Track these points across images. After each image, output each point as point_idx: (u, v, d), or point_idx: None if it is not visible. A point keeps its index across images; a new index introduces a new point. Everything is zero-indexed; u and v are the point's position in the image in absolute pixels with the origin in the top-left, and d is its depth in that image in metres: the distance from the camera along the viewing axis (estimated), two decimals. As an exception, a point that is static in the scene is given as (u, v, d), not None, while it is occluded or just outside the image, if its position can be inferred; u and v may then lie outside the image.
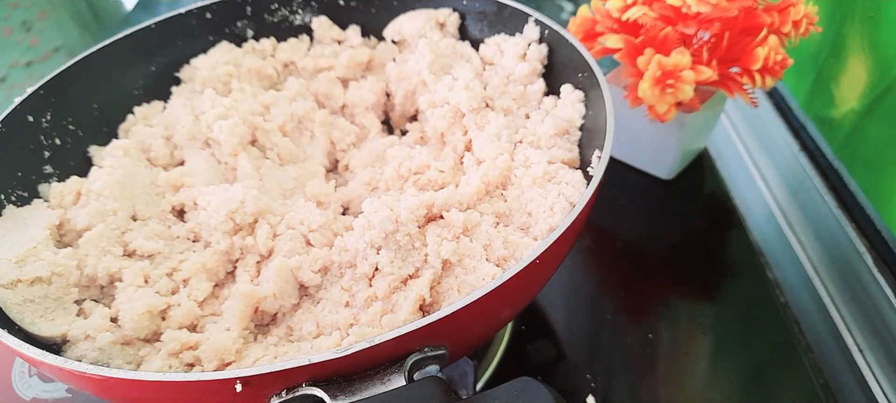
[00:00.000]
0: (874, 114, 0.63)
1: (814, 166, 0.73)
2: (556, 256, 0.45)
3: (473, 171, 0.52)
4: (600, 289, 0.67)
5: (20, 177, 0.52)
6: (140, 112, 0.61)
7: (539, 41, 0.61)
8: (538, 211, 0.48)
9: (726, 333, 0.62)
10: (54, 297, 0.45)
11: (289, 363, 0.33)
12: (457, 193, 0.49)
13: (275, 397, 0.34)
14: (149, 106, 0.62)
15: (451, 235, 0.46)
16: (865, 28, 0.64)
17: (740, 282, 0.67)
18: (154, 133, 0.58)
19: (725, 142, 0.87)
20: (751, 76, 0.61)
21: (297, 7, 0.69)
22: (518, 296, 0.45)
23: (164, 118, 0.60)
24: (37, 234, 0.47)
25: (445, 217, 0.47)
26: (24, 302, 0.44)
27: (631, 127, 0.72)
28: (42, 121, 0.55)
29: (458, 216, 0.47)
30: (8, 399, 0.52)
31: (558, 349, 0.61)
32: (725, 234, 0.72)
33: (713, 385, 0.58)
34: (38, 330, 0.43)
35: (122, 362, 0.43)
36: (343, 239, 0.47)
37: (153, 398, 0.37)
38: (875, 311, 0.62)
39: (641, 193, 0.76)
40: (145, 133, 0.58)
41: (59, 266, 0.45)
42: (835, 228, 0.68)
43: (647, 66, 0.59)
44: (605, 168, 0.45)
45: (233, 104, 0.58)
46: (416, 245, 0.46)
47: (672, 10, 0.60)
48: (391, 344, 0.34)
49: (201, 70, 0.63)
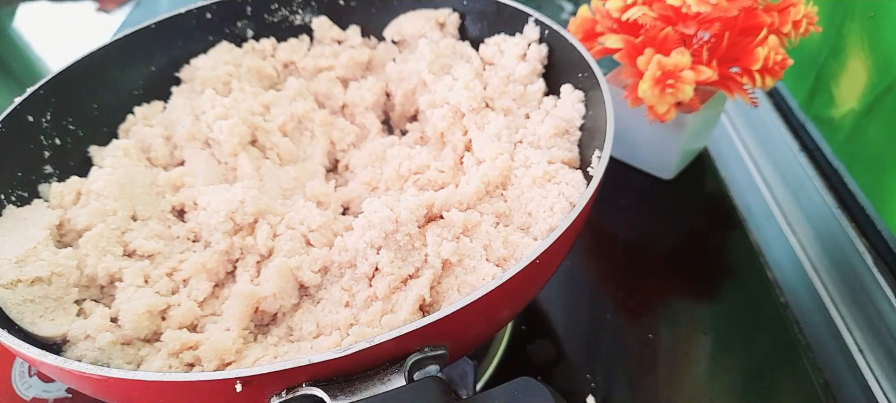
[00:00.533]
0: (874, 114, 0.63)
1: (814, 166, 0.74)
2: (556, 256, 0.45)
3: (473, 171, 0.52)
4: (600, 289, 0.67)
5: (20, 178, 0.52)
6: (140, 112, 0.61)
7: (539, 41, 0.61)
8: (538, 211, 0.48)
9: (726, 333, 0.62)
10: (54, 297, 0.45)
11: (289, 363, 0.33)
12: (457, 193, 0.49)
13: (275, 397, 0.34)
14: (149, 106, 0.62)
15: (451, 235, 0.46)
16: (865, 28, 0.64)
17: (740, 282, 0.67)
18: (154, 133, 0.58)
19: (725, 142, 0.87)
20: (751, 76, 0.61)
21: (297, 7, 0.69)
22: (518, 296, 0.45)
23: (164, 118, 0.60)
24: (37, 234, 0.47)
25: (445, 217, 0.47)
26: (24, 302, 0.43)
27: (631, 127, 0.72)
28: (42, 122, 0.55)
29: (458, 216, 0.47)
30: (8, 398, 0.51)
31: (558, 349, 0.61)
32: (725, 234, 0.72)
33: (713, 385, 0.58)
34: (38, 330, 0.43)
35: (121, 362, 0.43)
36: (343, 239, 0.47)
37: (153, 398, 0.37)
38: (875, 311, 0.62)
39: (641, 193, 0.76)
40: (145, 133, 0.58)
41: (59, 266, 0.45)
42: (835, 228, 0.68)
43: (647, 66, 0.59)
44: (606, 168, 0.45)
45: (232, 104, 0.58)
46: (416, 245, 0.46)
47: (672, 10, 0.60)
48: (391, 344, 0.34)
49: (201, 70, 0.63)
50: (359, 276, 0.46)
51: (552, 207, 0.47)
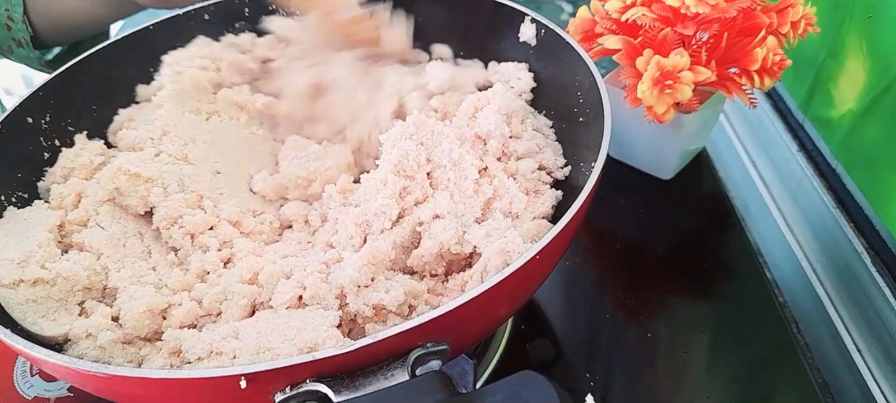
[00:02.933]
0: (872, 115, 0.63)
1: (812, 166, 0.74)
2: (554, 254, 0.45)
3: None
4: (599, 289, 0.67)
5: (20, 179, 0.52)
6: (125, 114, 0.60)
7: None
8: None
9: (725, 332, 0.62)
10: (57, 298, 0.45)
11: (292, 359, 0.33)
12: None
13: (279, 393, 0.34)
14: (137, 107, 0.61)
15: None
16: (864, 29, 0.65)
17: (738, 282, 0.67)
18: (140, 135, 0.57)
19: (724, 142, 0.87)
20: (749, 77, 0.61)
21: (295, 7, 0.69)
22: (517, 293, 0.45)
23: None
24: (39, 236, 0.47)
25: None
26: (27, 303, 0.44)
27: (630, 127, 0.72)
28: (42, 123, 0.55)
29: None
30: (10, 397, 0.52)
31: (557, 348, 0.61)
32: (724, 234, 0.73)
33: (711, 384, 0.58)
34: (40, 330, 0.43)
35: (122, 360, 0.44)
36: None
37: (157, 395, 0.37)
38: (873, 310, 0.62)
39: (640, 193, 0.76)
40: (133, 135, 0.57)
41: (62, 270, 0.46)
42: (833, 228, 0.68)
43: (646, 67, 0.59)
44: (604, 168, 0.45)
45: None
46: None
47: (671, 11, 0.60)
48: (394, 340, 0.34)
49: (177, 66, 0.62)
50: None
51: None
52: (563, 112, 0.59)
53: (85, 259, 0.47)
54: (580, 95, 0.56)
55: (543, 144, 0.57)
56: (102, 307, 0.46)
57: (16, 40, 0.76)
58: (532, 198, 0.53)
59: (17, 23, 0.75)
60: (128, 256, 0.50)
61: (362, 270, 0.44)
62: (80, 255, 0.48)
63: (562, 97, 0.58)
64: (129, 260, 0.50)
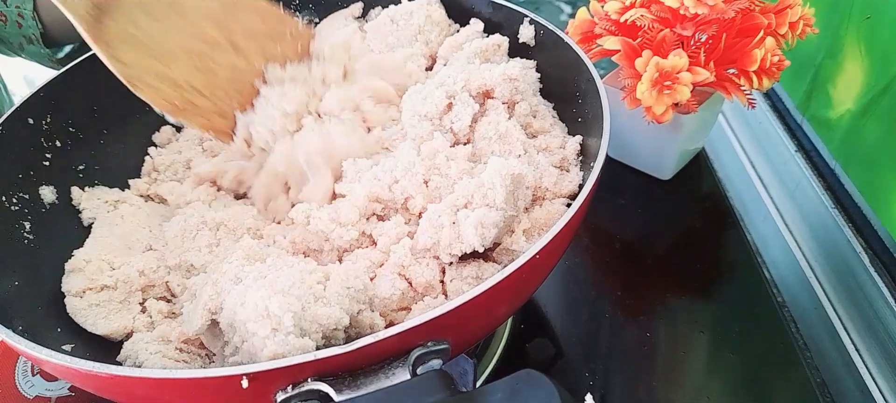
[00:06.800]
0: (871, 115, 0.64)
1: (810, 166, 0.74)
2: (554, 254, 0.45)
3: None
4: (598, 288, 0.67)
5: (21, 179, 0.52)
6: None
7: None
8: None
9: (724, 332, 0.62)
10: (119, 300, 0.47)
11: (294, 359, 0.34)
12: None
13: (281, 392, 0.34)
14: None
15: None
16: (862, 30, 0.65)
17: (737, 282, 0.67)
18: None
19: (723, 142, 0.87)
20: (748, 77, 0.61)
21: (295, 8, 0.69)
22: (517, 293, 0.45)
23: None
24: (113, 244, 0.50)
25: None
26: (89, 307, 0.46)
27: (629, 127, 0.73)
28: (42, 124, 0.55)
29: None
30: (11, 396, 0.52)
31: (557, 347, 0.61)
32: (723, 234, 0.73)
33: (710, 384, 0.58)
34: (98, 330, 0.45)
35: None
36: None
37: (158, 395, 0.37)
38: (872, 310, 0.62)
39: (639, 193, 0.77)
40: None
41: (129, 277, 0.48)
42: (831, 228, 0.68)
43: (645, 68, 0.59)
44: (604, 168, 0.46)
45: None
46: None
47: (670, 12, 0.60)
48: (395, 340, 0.35)
49: None
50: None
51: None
52: (563, 112, 0.59)
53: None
54: (579, 96, 0.56)
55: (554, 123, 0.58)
56: (161, 304, 0.48)
57: (26, 37, 0.77)
58: (560, 175, 0.52)
59: (27, 19, 0.75)
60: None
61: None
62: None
63: (561, 98, 0.58)
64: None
